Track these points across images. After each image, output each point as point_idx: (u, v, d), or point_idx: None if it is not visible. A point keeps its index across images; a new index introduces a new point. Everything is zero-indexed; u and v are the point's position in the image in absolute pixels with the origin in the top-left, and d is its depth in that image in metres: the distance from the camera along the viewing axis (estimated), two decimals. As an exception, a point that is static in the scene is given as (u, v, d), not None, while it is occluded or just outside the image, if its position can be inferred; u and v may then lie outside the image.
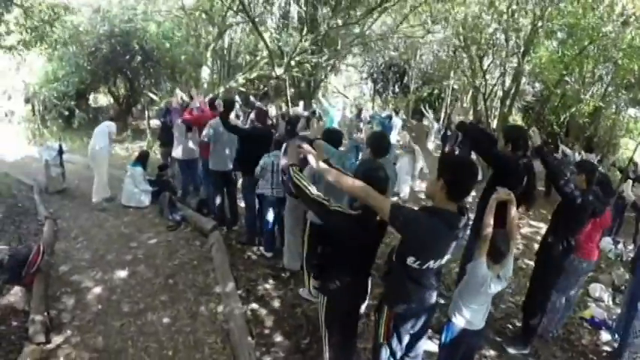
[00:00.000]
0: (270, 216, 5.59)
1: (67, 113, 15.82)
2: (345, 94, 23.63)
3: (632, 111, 17.19)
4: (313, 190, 2.71)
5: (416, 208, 2.56)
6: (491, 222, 3.12)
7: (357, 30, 12.79)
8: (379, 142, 4.10)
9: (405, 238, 2.53)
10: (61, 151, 8.79)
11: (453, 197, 2.44)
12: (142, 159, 7.96)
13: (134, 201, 7.57)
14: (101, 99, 20.93)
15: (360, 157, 10.15)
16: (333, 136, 4.49)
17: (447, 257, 2.59)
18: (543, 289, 4.29)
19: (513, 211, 3.16)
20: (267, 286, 5.14)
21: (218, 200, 6.61)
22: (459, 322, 3.15)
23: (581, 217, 4.00)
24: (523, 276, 6.09)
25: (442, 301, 4.93)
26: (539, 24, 11.87)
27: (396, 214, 2.37)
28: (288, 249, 5.20)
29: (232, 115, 8.28)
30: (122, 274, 5.22)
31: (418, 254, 2.48)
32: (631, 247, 7.49)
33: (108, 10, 13.72)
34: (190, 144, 7.26)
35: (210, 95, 9.09)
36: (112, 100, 19.52)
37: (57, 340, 3.95)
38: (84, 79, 15.59)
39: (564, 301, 4.60)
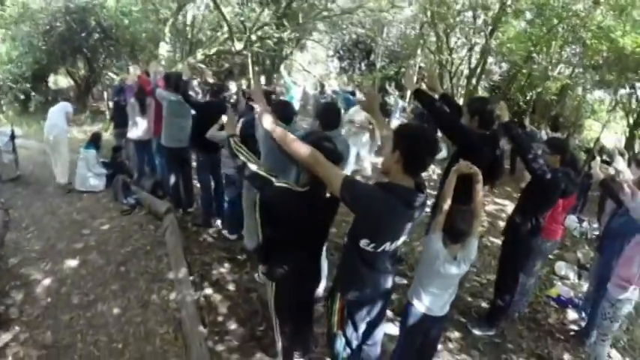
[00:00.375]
0: (231, 194, 5.33)
1: (22, 97, 15.06)
2: (311, 72, 23.33)
3: (598, 93, 17.35)
4: (254, 165, 2.47)
5: (370, 184, 2.33)
6: (450, 195, 2.93)
7: (319, 4, 12.51)
8: (328, 115, 3.82)
9: (358, 216, 2.30)
10: (13, 137, 8.32)
11: (410, 171, 2.22)
12: (95, 141, 7.59)
13: (88, 185, 7.24)
14: (61, 80, 19.96)
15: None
16: (283, 110, 4.03)
17: (403, 238, 2.38)
18: (512, 270, 4.16)
19: (479, 187, 2.93)
20: (222, 270, 4.94)
21: (172, 180, 6.30)
22: (419, 306, 2.95)
23: (551, 195, 3.88)
24: (488, 254, 6.06)
25: (405, 282, 4.84)
26: (508, 2, 11.78)
27: (348, 187, 2.12)
28: (247, 229, 4.90)
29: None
30: (73, 263, 4.97)
31: (372, 236, 2.25)
32: (595, 225, 7.51)
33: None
34: (145, 123, 6.90)
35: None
36: (72, 82, 18.73)
37: (5, 337, 3.72)
38: (40, 60, 14.72)
39: (532, 282, 4.55)
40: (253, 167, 2.45)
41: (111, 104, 12.36)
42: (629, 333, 4.64)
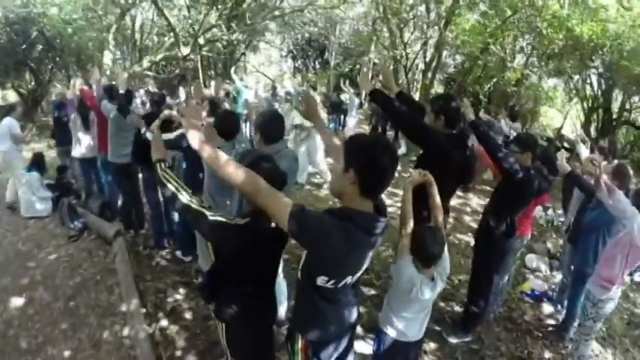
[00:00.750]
0: (182, 217, 4.93)
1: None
2: (265, 73, 22.97)
3: (552, 81, 17.56)
4: (185, 195, 2.10)
5: (321, 212, 1.92)
6: (410, 213, 2.64)
7: (269, 3, 12.17)
8: (270, 125, 3.25)
9: (312, 253, 1.96)
10: None
11: (368, 193, 1.85)
12: (37, 162, 7.05)
13: (33, 211, 6.75)
14: (10, 95, 19.13)
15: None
16: (223, 123, 3.63)
17: (365, 266, 2.07)
18: (486, 273, 3.95)
19: (434, 192, 2.67)
20: (178, 296, 4.60)
21: (121, 199, 5.97)
22: (392, 334, 2.69)
23: (525, 195, 3.68)
24: (457, 252, 5.88)
25: (372, 292, 4.62)
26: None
27: (296, 219, 1.71)
28: (200, 250, 4.42)
29: (137, 102, 7.56)
30: (19, 302, 4.59)
31: (331, 272, 1.93)
32: (560, 211, 7.49)
33: (-2, -7, 12.25)
34: (89, 140, 6.50)
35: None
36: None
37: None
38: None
39: (505, 279, 4.42)
40: (184, 198, 2.08)
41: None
42: (607, 322, 4.51)
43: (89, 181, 6.98)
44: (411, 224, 2.62)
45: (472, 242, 4.67)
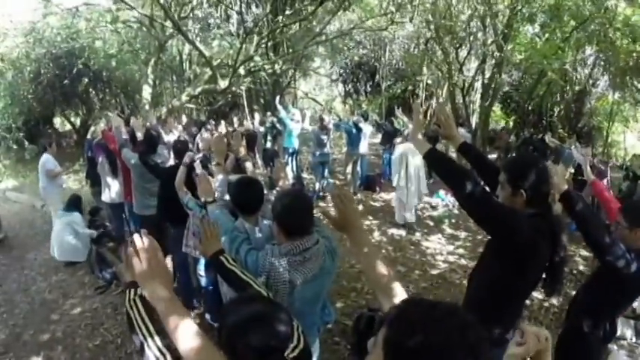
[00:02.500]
0: (211, 277, 4.40)
1: (15, 147, 14.68)
2: (315, 99, 22.61)
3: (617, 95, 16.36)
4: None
5: None
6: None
7: (314, 28, 11.74)
8: (293, 213, 2.24)
9: None
10: None
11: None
12: (75, 204, 6.79)
13: (74, 255, 6.44)
14: (67, 123, 19.82)
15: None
16: (244, 195, 2.79)
17: None
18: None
19: None
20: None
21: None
22: None
23: (634, 292, 2.85)
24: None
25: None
26: (519, 6, 10.91)
27: None
28: None
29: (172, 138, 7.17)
30: None
31: None
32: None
33: (44, 31, 12.47)
34: (118, 185, 6.19)
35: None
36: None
37: None
38: (30, 108, 14.45)
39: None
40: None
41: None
42: None
43: (120, 226, 6.67)
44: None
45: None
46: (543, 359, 1.80)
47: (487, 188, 2.43)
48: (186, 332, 1.34)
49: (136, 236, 1.50)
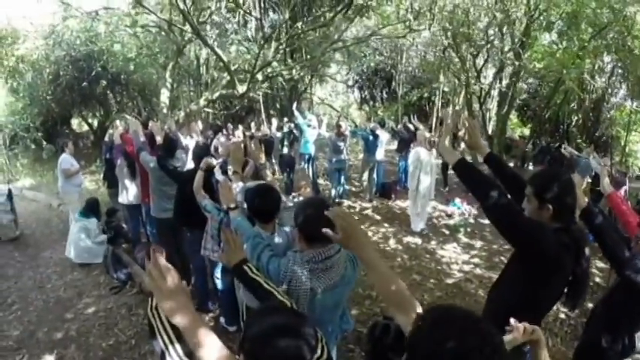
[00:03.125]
0: (227, 281, 4.37)
1: (33, 146, 14.89)
2: (331, 105, 22.55)
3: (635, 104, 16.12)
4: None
5: None
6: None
7: (331, 35, 11.72)
8: (313, 220, 2.18)
9: None
10: (10, 196, 8.00)
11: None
12: (92, 209, 6.89)
13: (90, 256, 6.51)
14: (84, 124, 20.05)
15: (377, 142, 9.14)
16: (261, 202, 2.79)
17: None
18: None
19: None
20: (216, 377, 4.03)
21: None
22: None
23: None
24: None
25: None
26: (536, 14, 10.81)
27: None
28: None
29: (191, 143, 7.20)
30: (49, 359, 4.32)
31: None
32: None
33: (63, 33, 12.64)
34: (135, 188, 6.22)
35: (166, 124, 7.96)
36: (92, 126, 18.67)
37: None
38: (48, 109, 14.66)
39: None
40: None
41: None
42: None
43: (136, 227, 6.72)
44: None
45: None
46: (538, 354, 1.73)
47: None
48: (210, 349, 1.41)
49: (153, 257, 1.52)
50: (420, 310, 1.59)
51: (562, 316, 4.75)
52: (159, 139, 5.05)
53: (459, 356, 1.03)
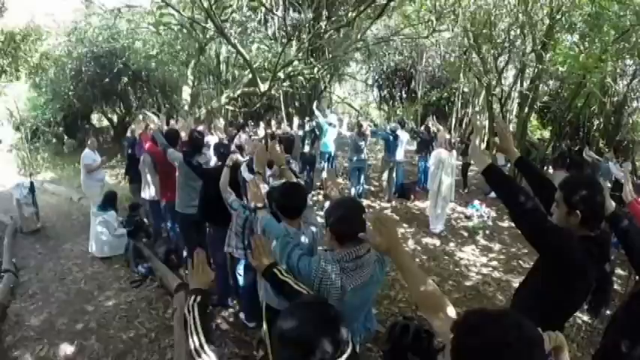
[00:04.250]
0: (249, 278, 4.41)
1: (54, 140, 15.13)
2: (351, 104, 22.47)
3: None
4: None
5: None
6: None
7: (352, 35, 11.68)
8: (346, 219, 2.21)
9: None
10: (32, 189, 8.15)
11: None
12: (111, 202, 6.92)
13: (111, 250, 6.59)
14: (105, 119, 20.29)
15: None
16: (287, 199, 2.81)
17: None
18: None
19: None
20: (234, 372, 4.06)
21: (187, 251, 5.56)
22: None
23: None
24: None
25: None
26: (558, 16, 10.67)
27: None
28: None
29: (212, 139, 7.26)
30: (69, 349, 4.38)
31: None
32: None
33: (85, 31, 12.79)
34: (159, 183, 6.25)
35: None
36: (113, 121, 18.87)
37: None
38: (70, 104, 14.85)
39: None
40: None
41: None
42: None
43: (158, 223, 6.77)
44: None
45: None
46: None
47: (541, 205, 2.39)
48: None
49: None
50: (451, 309, 1.60)
51: (579, 322, 4.70)
52: (184, 135, 5.10)
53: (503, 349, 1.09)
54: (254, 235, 2.56)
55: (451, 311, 1.61)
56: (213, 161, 5.65)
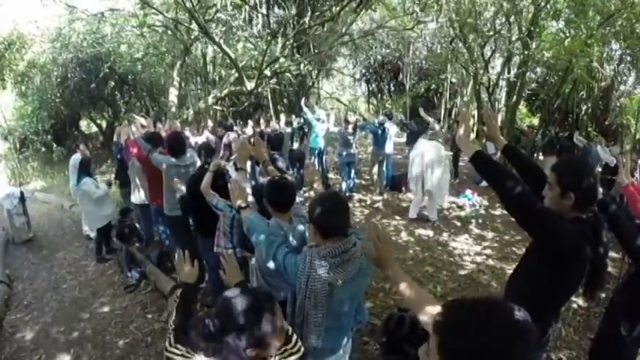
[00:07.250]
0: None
1: (43, 149, 15.05)
2: (339, 99, 22.42)
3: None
4: None
5: None
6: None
7: (337, 29, 11.66)
8: (329, 214, 2.24)
9: None
10: (22, 199, 8.05)
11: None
12: (84, 168, 6.63)
13: (102, 218, 6.55)
14: (93, 125, 20.16)
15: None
16: (276, 194, 2.82)
17: None
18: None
19: None
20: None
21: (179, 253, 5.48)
22: None
23: None
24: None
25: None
26: (542, 3, 10.69)
27: None
28: None
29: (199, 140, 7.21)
30: (66, 359, 4.37)
31: None
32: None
33: (70, 36, 12.68)
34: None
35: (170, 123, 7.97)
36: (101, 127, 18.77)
37: None
38: (57, 112, 14.77)
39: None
40: None
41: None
42: None
43: (149, 227, 6.72)
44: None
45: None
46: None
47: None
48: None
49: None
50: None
51: (574, 306, 4.72)
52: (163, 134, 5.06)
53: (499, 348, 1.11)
54: (224, 254, 2.56)
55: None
56: (199, 162, 5.62)
